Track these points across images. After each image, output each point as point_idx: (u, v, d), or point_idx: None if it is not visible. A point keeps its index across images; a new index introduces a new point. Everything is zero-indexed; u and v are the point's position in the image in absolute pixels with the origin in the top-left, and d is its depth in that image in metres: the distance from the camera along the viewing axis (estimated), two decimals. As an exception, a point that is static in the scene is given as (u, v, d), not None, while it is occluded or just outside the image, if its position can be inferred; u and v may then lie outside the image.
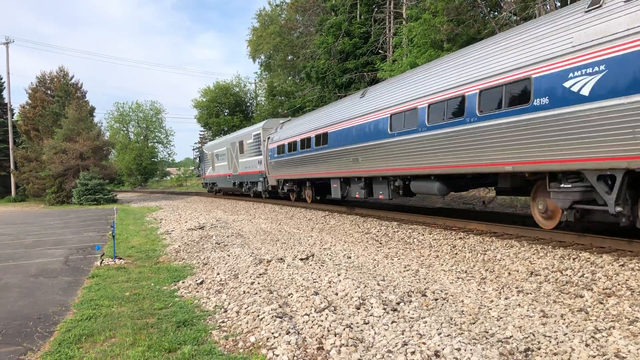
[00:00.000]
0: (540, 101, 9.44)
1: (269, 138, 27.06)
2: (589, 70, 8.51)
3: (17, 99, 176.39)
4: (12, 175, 51.45)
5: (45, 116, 44.35)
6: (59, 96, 45.72)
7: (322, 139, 19.84)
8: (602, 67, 8.28)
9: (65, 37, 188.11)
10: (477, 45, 12.46)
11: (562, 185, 9.59)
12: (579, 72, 8.68)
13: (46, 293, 8.70)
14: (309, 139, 21.21)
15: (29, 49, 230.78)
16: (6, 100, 56.93)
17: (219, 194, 41.35)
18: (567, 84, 8.89)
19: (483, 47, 11.81)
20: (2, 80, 60.74)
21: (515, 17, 23.24)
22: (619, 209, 8.40)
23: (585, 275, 7.70)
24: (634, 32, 7.82)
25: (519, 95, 10.05)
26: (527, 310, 6.30)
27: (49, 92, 49.39)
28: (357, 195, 17.97)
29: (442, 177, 13.22)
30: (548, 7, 21.39)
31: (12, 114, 55.95)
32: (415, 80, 14.13)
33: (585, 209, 9.40)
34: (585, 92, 8.53)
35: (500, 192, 13.20)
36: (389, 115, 14.77)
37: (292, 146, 23.13)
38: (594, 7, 8.69)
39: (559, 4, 21.50)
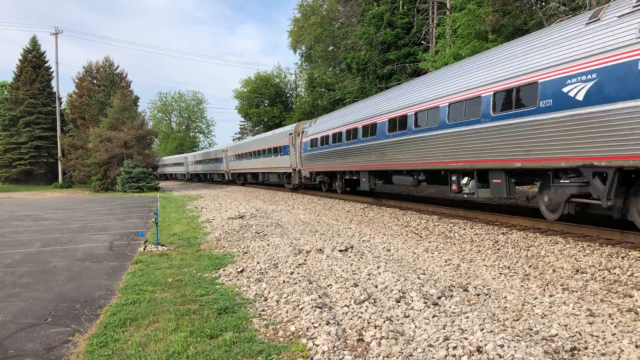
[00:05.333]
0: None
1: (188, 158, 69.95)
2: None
3: (65, 88, 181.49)
4: (59, 162, 53.20)
5: (92, 105, 45.51)
6: (105, 85, 46.84)
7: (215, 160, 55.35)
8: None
9: (111, 27, 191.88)
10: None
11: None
12: None
13: (92, 277, 8.96)
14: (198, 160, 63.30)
15: (77, 39, 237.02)
16: (55, 89, 58.85)
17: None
18: None
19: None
20: (51, 70, 62.83)
21: (564, 8, 22.46)
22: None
23: (634, 275, 7.45)
24: None
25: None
26: (573, 309, 6.13)
27: (95, 81, 50.62)
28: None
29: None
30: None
31: (60, 103, 57.76)
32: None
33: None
34: None
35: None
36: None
37: (199, 161, 61.56)
38: None
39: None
